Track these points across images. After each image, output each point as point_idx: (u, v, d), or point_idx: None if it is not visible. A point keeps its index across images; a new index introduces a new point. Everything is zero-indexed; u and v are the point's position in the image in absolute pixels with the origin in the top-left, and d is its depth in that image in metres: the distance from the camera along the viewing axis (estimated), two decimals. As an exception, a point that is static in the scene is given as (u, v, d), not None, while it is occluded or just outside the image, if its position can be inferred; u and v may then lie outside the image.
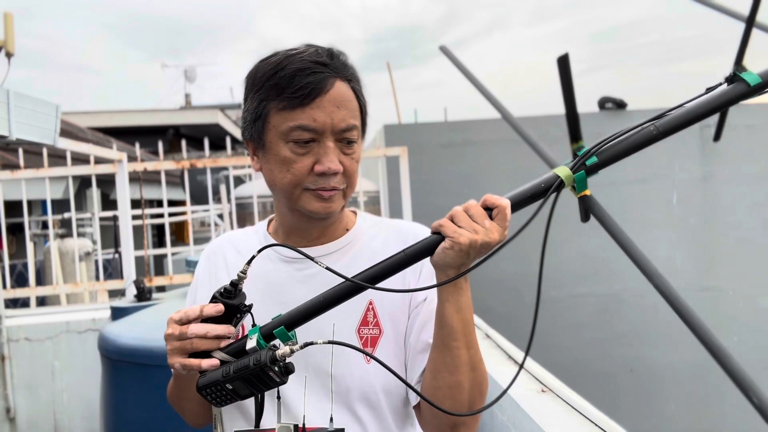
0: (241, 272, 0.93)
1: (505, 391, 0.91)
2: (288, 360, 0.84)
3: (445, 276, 0.91)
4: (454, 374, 0.95)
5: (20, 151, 4.01)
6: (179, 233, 10.80)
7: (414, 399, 1.06)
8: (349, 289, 0.90)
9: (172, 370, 0.98)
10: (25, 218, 4.02)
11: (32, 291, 4.04)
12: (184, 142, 6.06)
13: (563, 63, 0.80)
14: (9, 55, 2.73)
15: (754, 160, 6.11)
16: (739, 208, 6.09)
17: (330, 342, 0.88)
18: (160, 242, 11.38)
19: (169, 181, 4.59)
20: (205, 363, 0.89)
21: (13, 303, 4.30)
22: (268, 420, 1.01)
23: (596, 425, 1.49)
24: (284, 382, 0.87)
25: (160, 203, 5.12)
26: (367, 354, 0.97)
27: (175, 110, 16.41)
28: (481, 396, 0.98)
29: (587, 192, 0.89)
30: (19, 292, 4.08)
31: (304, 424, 1.01)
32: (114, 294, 4.26)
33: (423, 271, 1.06)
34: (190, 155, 10.55)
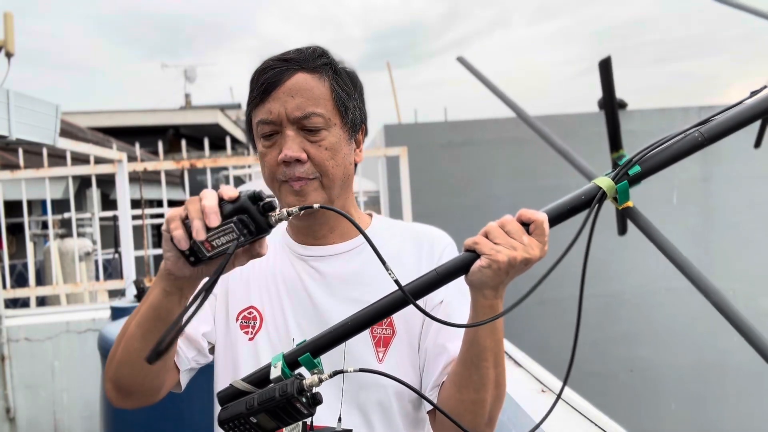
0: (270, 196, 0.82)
1: (539, 424, 0.88)
2: (315, 390, 0.78)
3: (483, 297, 0.87)
4: (480, 392, 0.94)
5: (20, 151, 4.01)
6: (179, 233, 10.79)
7: (426, 405, 1.05)
8: (379, 312, 0.83)
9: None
10: (25, 218, 4.02)
11: (32, 291, 4.04)
12: (184, 142, 6.06)
13: (605, 67, 0.77)
14: (9, 55, 2.73)
15: (754, 160, 6.11)
16: (739, 208, 6.09)
17: (361, 370, 0.82)
18: (160, 242, 11.38)
19: (169, 181, 4.59)
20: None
21: (13, 303, 4.30)
22: None
23: (596, 425, 1.49)
24: (312, 414, 0.79)
25: (160, 203, 5.12)
26: (402, 383, 0.88)
27: (175, 110, 16.40)
28: (499, 409, 0.98)
29: (630, 203, 0.83)
30: (19, 292, 4.08)
31: (312, 422, 1.00)
32: (114, 294, 4.26)
33: None
34: (190, 155, 10.55)
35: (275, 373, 0.78)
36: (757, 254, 5.99)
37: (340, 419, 1.01)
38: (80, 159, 4.28)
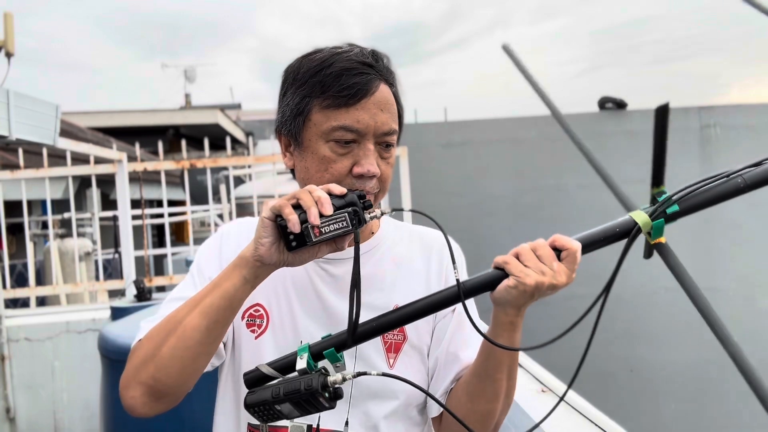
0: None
1: (537, 425, 0.92)
2: (338, 386, 0.83)
3: (504, 314, 0.89)
4: (492, 402, 0.96)
5: (20, 151, 4.01)
6: (179, 233, 10.81)
7: (436, 410, 1.05)
8: (417, 311, 0.86)
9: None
10: (25, 218, 4.02)
11: (32, 291, 4.04)
12: (184, 142, 6.05)
13: (661, 115, 0.76)
14: (9, 55, 2.73)
15: (754, 160, 6.10)
16: (739, 208, 6.09)
17: (384, 374, 0.85)
18: (160, 242, 11.39)
19: (169, 181, 4.59)
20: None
21: (13, 303, 4.30)
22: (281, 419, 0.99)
23: (596, 425, 1.49)
24: (333, 407, 0.84)
25: (160, 203, 5.13)
26: (422, 390, 0.89)
27: (175, 110, 16.40)
28: (504, 417, 1.00)
29: (662, 240, 0.83)
30: (19, 292, 4.08)
31: (318, 425, 0.99)
32: (114, 294, 4.26)
33: (449, 281, 1.04)
34: (190, 155, 10.54)
35: (301, 364, 0.83)
36: (757, 254, 5.99)
37: (347, 423, 1.00)
38: (80, 159, 4.28)
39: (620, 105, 6.64)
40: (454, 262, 0.85)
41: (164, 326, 0.92)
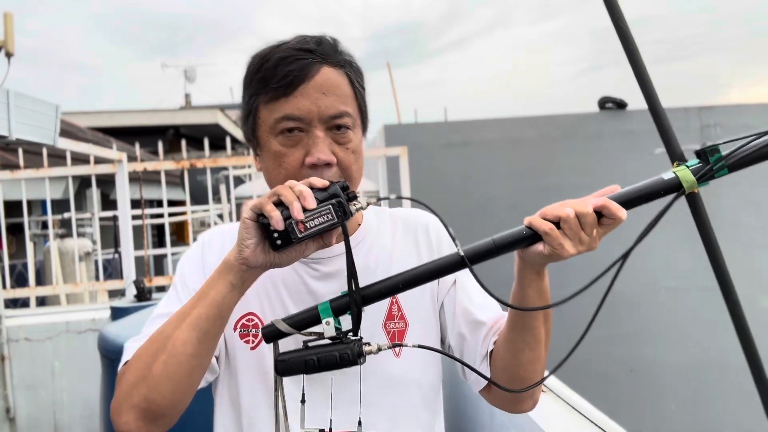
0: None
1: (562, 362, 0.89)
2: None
3: (531, 267, 0.87)
4: (535, 349, 0.95)
5: (20, 151, 4.01)
6: (179, 233, 10.80)
7: (480, 382, 1.02)
8: (434, 271, 0.84)
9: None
10: (25, 218, 4.02)
11: (32, 291, 4.03)
12: (184, 142, 6.06)
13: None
14: (9, 55, 2.73)
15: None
16: (739, 208, 6.09)
17: (420, 346, 0.83)
18: (160, 242, 11.39)
19: (169, 181, 4.59)
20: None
21: (13, 303, 4.29)
22: (292, 425, 0.93)
23: (596, 425, 1.49)
24: (362, 363, 0.82)
25: (160, 203, 5.13)
26: (463, 363, 0.88)
27: (175, 110, 16.40)
28: (547, 353, 0.99)
29: (696, 189, 0.78)
30: (19, 292, 4.08)
31: (331, 429, 0.96)
32: (114, 294, 4.26)
33: (442, 251, 1.02)
34: (190, 155, 10.55)
35: (329, 331, 0.81)
36: (757, 254, 5.99)
37: (360, 423, 0.96)
38: (80, 159, 4.28)
39: (620, 105, 6.64)
40: (452, 237, 0.83)
41: (152, 344, 0.87)
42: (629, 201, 0.80)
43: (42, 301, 5.18)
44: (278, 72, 0.91)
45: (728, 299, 0.73)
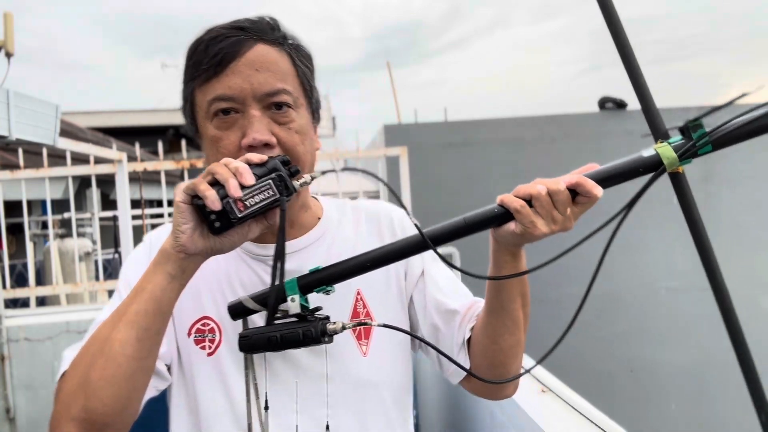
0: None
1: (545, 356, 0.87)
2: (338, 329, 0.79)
3: (506, 249, 0.84)
4: (515, 333, 0.92)
5: (20, 151, 4.00)
6: (179, 233, 10.78)
7: (455, 376, 1.00)
8: (399, 252, 0.81)
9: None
10: (25, 218, 4.02)
11: (32, 291, 4.03)
12: (184, 142, 6.05)
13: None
14: (9, 55, 2.73)
15: (754, 160, 6.10)
16: (739, 208, 6.09)
17: (383, 325, 0.79)
18: (160, 242, 11.36)
19: (169, 181, 4.59)
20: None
21: (12, 303, 4.29)
22: None
23: (596, 425, 1.49)
24: (331, 342, 0.80)
25: (160, 203, 5.12)
26: (437, 350, 0.86)
27: (175, 110, 16.38)
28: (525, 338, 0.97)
29: (680, 169, 0.74)
30: (19, 292, 4.08)
31: None
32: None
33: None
34: (190, 155, 10.52)
35: (294, 308, 0.79)
36: (757, 254, 5.99)
37: (328, 427, 0.92)
38: (80, 159, 4.28)
39: (620, 105, 6.64)
40: (405, 209, 0.81)
41: (89, 348, 0.80)
42: (606, 179, 0.78)
43: (42, 301, 5.18)
44: (209, 52, 0.86)
45: (714, 283, 0.71)
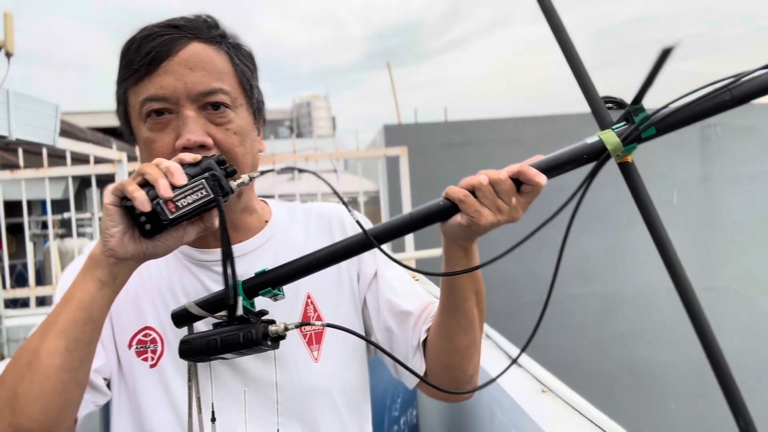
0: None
1: (499, 375, 0.86)
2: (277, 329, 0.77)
3: (457, 245, 0.83)
4: (470, 333, 0.91)
5: (20, 151, 4.01)
6: (179, 233, 10.80)
7: (412, 379, 0.97)
8: (345, 251, 0.79)
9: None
10: (25, 218, 4.02)
11: (32, 291, 4.04)
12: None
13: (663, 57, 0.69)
14: (9, 55, 2.73)
15: (754, 160, 6.11)
16: (739, 208, 6.09)
17: (328, 325, 0.77)
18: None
19: (169, 181, 4.60)
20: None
21: (12, 303, 4.29)
22: None
23: (596, 425, 1.49)
24: (277, 348, 0.78)
25: (160, 203, 5.12)
26: (386, 353, 0.85)
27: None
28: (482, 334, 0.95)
29: (629, 158, 0.74)
30: (19, 292, 4.08)
31: None
32: (114, 294, 4.25)
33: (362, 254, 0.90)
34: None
35: (238, 312, 0.76)
36: (757, 254, 5.99)
37: None
38: (80, 159, 4.28)
39: (620, 105, 6.63)
40: (346, 205, 0.78)
41: (17, 361, 0.74)
42: (551, 168, 0.77)
43: (42, 301, 5.18)
44: (141, 51, 0.83)
45: (672, 272, 0.71)
